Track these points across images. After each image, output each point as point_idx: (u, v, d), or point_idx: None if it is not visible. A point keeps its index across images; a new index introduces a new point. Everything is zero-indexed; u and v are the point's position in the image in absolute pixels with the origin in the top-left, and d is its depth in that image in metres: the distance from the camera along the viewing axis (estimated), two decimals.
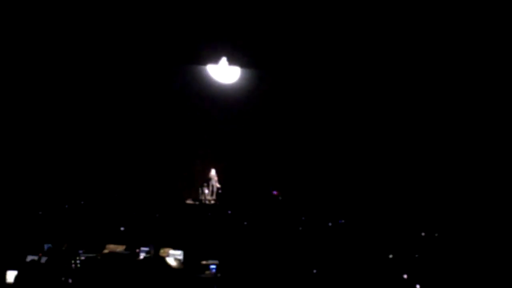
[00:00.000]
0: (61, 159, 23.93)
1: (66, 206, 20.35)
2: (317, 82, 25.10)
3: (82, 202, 21.06)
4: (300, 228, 19.16)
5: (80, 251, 13.26)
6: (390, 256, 14.84)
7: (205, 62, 24.91)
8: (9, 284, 11.05)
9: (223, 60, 24.75)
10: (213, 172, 23.92)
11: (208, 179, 23.87)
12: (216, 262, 13.87)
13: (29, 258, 12.44)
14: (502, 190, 21.20)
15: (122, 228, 17.07)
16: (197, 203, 23.31)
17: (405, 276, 12.61)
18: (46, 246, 13.83)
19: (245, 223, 19.36)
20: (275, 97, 25.31)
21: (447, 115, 23.69)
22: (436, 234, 18.00)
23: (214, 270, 13.67)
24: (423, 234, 18.02)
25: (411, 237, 17.68)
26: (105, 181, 23.61)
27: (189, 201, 23.53)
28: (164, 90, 25.12)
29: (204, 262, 13.89)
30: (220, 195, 23.50)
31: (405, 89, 24.16)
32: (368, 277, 12.20)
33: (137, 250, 14.25)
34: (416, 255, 14.97)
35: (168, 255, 14.05)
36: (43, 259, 12.40)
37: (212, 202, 23.48)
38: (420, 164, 23.83)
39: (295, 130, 25.08)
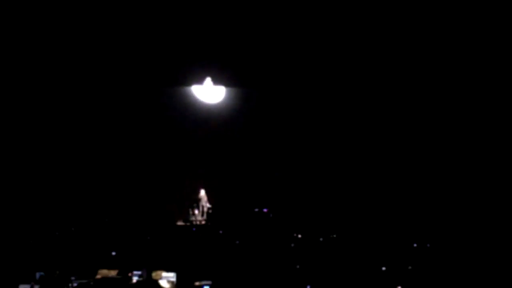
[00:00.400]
0: (51, 185, 23.80)
1: (57, 233, 20.23)
2: (303, 99, 25.13)
3: (73, 229, 20.93)
4: (292, 245, 19.12)
5: (73, 278, 13.18)
6: (383, 268, 14.83)
7: (190, 83, 24.91)
8: None
9: (208, 80, 24.77)
10: (202, 192, 23.86)
11: (197, 200, 23.80)
12: (209, 282, 13.81)
13: (21, 287, 12.33)
14: (499, 197, 21.22)
15: (113, 253, 16.97)
16: (188, 224, 23.22)
17: None
18: (38, 274, 13.73)
19: (237, 242, 19.30)
20: (261, 115, 25.31)
21: (441, 123, 23.73)
22: (428, 245, 17.99)
23: None
24: (415, 245, 18.00)
25: (403, 249, 17.65)
26: (95, 206, 23.49)
27: (180, 223, 23.43)
28: (150, 112, 25.06)
29: (197, 283, 13.84)
30: (210, 215, 23.42)
31: (392, 111, 24.21)
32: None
33: (130, 274, 14.17)
34: (409, 267, 14.97)
35: (161, 278, 13.99)
36: None
37: (203, 222, 23.39)
38: (408, 177, 23.84)
39: (282, 147, 25.07)
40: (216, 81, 24.90)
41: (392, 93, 23.77)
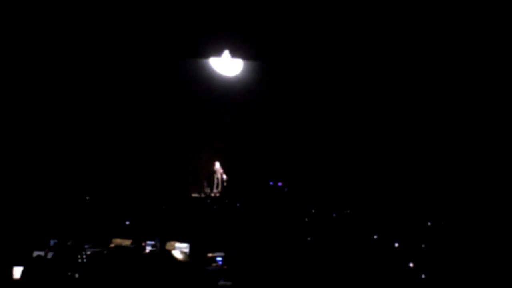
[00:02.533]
0: (67, 155, 23.95)
1: (72, 202, 20.37)
2: (321, 72, 25.06)
3: (88, 198, 21.07)
4: (306, 219, 19.16)
5: (86, 246, 13.28)
6: (396, 245, 14.85)
7: (207, 56, 24.90)
8: (16, 280, 11.06)
9: (226, 53, 24.74)
10: (217, 165, 23.91)
11: (213, 172, 23.87)
12: (222, 254, 13.87)
13: (36, 253, 12.44)
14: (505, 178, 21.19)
15: (127, 223, 17.08)
16: (202, 196, 23.32)
17: (411, 264, 12.63)
18: (52, 242, 13.85)
19: (251, 215, 19.36)
20: (278, 88, 25.29)
21: (451, 100, 23.65)
22: (442, 223, 17.98)
23: (220, 262, 13.68)
24: (429, 223, 18.00)
25: (417, 226, 17.66)
26: (111, 176, 23.62)
27: (195, 195, 23.52)
28: (168, 84, 25.11)
29: (210, 255, 13.90)
30: (225, 187, 23.50)
31: (409, 82, 24.11)
32: (374, 265, 12.21)
33: (143, 244, 14.26)
34: (423, 245, 14.96)
35: (174, 248, 14.06)
36: (50, 255, 12.41)
37: (218, 195, 23.47)
38: (426, 151, 23.79)
39: (299, 121, 25.06)
40: (234, 54, 24.88)
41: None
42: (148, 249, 14.20)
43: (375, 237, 15.95)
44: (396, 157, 24.03)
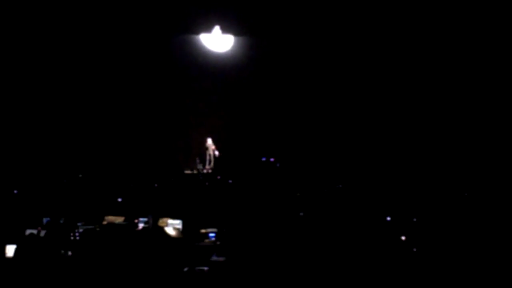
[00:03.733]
0: (59, 132, 23.91)
1: (64, 180, 20.37)
2: (312, 47, 25.01)
3: (80, 175, 21.07)
4: (298, 194, 19.20)
5: (79, 224, 13.29)
6: (388, 218, 14.89)
7: (198, 31, 24.82)
8: (9, 258, 11.06)
9: (216, 28, 24.66)
10: (209, 141, 23.93)
11: (205, 148, 23.90)
12: (215, 230, 13.91)
13: (28, 231, 12.45)
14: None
15: (120, 200, 17.09)
16: (195, 172, 23.36)
17: (403, 238, 12.66)
18: (45, 220, 13.85)
19: (243, 190, 19.40)
20: (269, 64, 25.26)
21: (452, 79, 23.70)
22: (436, 199, 18.05)
23: (213, 238, 13.71)
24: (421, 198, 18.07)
25: (409, 200, 17.72)
26: (103, 153, 23.62)
27: (187, 171, 23.57)
28: (158, 61, 25.05)
29: (203, 231, 13.93)
30: (217, 163, 23.54)
31: (404, 53, 24.08)
32: (366, 239, 12.24)
33: (136, 221, 14.28)
34: (414, 219, 15.01)
35: (167, 225, 14.09)
36: (42, 233, 12.42)
37: (210, 171, 23.52)
38: (417, 127, 23.83)
39: (290, 96, 25.06)
40: (225, 29, 24.80)
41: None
42: (140, 226, 14.21)
43: (367, 210, 16.02)
44: (389, 130, 24.07)
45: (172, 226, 13.90)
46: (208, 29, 24.81)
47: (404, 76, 24.16)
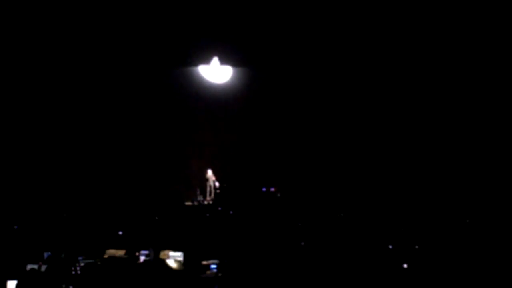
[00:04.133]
0: (57, 165, 23.90)
1: (64, 214, 20.34)
2: (310, 78, 25.11)
3: (80, 209, 21.04)
4: (300, 224, 19.16)
5: (80, 258, 13.24)
6: (390, 246, 14.86)
7: (196, 63, 24.91)
8: None
9: (215, 60, 24.76)
10: (209, 172, 23.92)
11: (205, 180, 23.87)
12: (217, 261, 13.86)
13: (29, 267, 12.40)
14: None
15: (120, 233, 17.05)
16: (195, 203, 23.32)
17: (405, 265, 12.63)
18: (46, 255, 13.80)
19: (244, 221, 19.37)
20: (268, 94, 25.33)
21: (448, 99, 23.72)
22: (437, 225, 18.02)
23: (215, 270, 13.66)
24: (423, 225, 18.04)
25: (410, 228, 17.68)
26: (102, 186, 23.58)
27: (188, 203, 23.53)
28: (157, 93, 25.12)
29: (204, 262, 13.87)
30: (218, 194, 23.51)
31: (401, 92, 24.15)
32: (369, 267, 12.22)
33: (137, 254, 14.22)
34: (416, 246, 14.98)
35: (168, 257, 14.03)
36: (43, 267, 12.38)
37: (211, 202, 23.47)
38: (418, 154, 23.83)
39: (290, 126, 25.09)
40: (223, 61, 24.90)
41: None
42: (142, 258, 14.16)
43: (369, 239, 15.98)
44: (387, 159, 24.07)
45: (173, 259, 13.85)
46: (207, 60, 24.90)
47: (405, 108, 24.21)
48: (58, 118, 24.31)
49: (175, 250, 14.37)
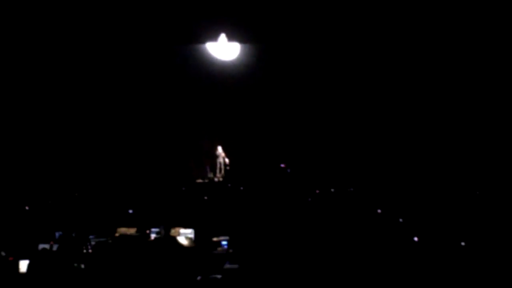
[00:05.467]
0: (68, 146, 23.98)
1: (75, 193, 20.44)
2: (318, 53, 25.01)
3: (90, 188, 21.13)
4: (310, 199, 19.20)
5: (91, 236, 13.33)
6: (400, 220, 14.90)
7: (204, 40, 24.84)
8: (23, 273, 11.10)
9: (222, 36, 24.67)
10: (219, 149, 23.95)
11: (215, 157, 23.92)
12: (227, 238, 13.92)
13: (41, 246, 12.49)
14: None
15: (130, 211, 17.13)
16: (206, 181, 23.38)
17: (415, 239, 12.66)
18: (57, 234, 13.90)
19: (254, 197, 19.42)
20: (276, 70, 25.25)
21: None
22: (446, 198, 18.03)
23: (225, 246, 13.73)
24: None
25: (420, 203, 17.70)
26: (113, 165, 23.66)
27: (199, 180, 23.60)
28: (165, 71, 25.08)
29: (215, 239, 13.95)
30: (228, 171, 23.56)
31: (411, 59, 24.04)
32: (379, 242, 12.25)
33: (148, 232, 14.31)
34: (425, 222, 15.01)
35: (179, 235, 14.10)
36: (55, 247, 12.47)
37: (221, 179, 23.53)
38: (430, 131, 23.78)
39: (299, 102, 25.04)
40: (231, 37, 24.81)
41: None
42: (153, 236, 14.24)
43: (379, 211, 16.01)
44: (399, 132, 24.02)
45: (184, 236, 13.92)
46: (214, 37, 24.82)
47: (414, 81, 24.11)
48: (68, 101, 24.36)
49: (185, 227, 14.44)
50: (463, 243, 11.99)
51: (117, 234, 14.27)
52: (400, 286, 9.92)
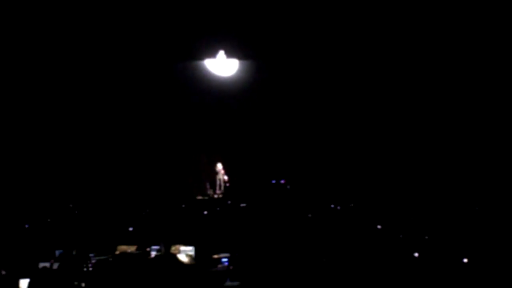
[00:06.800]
0: (68, 163, 23.97)
1: (75, 211, 20.44)
2: (317, 70, 25.06)
3: (90, 206, 21.12)
4: (310, 215, 19.20)
5: (91, 255, 13.32)
6: (400, 236, 14.89)
7: (202, 57, 24.88)
8: None
9: (221, 53, 24.73)
10: (219, 166, 23.96)
11: (215, 173, 23.92)
12: (228, 255, 13.90)
13: (41, 265, 12.48)
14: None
15: (130, 229, 17.14)
16: (205, 198, 23.37)
17: (416, 254, 12.65)
18: (57, 252, 13.88)
19: (254, 214, 19.42)
20: (275, 87, 25.29)
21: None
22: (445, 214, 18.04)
23: (226, 263, 13.71)
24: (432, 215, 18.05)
25: (420, 218, 17.70)
26: (112, 183, 23.64)
27: (199, 197, 23.60)
28: (164, 88, 25.10)
29: (215, 256, 13.93)
30: (227, 188, 23.55)
31: (405, 85, 24.09)
32: (379, 257, 12.24)
33: (148, 249, 14.30)
34: (426, 237, 15.00)
35: (179, 252, 14.10)
36: (55, 265, 12.46)
37: (221, 196, 23.52)
38: (428, 143, 23.78)
39: (298, 117, 25.07)
40: (229, 54, 24.86)
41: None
42: (153, 254, 14.23)
43: (379, 227, 16.01)
44: (398, 148, 24.03)
45: (184, 253, 13.92)
46: (213, 54, 24.87)
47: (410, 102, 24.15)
48: (67, 114, 24.36)
49: (186, 244, 14.43)
50: (465, 260, 11.98)
51: (117, 252, 14.26)
52: None
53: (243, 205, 21.30)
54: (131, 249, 14.54)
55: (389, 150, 23.96)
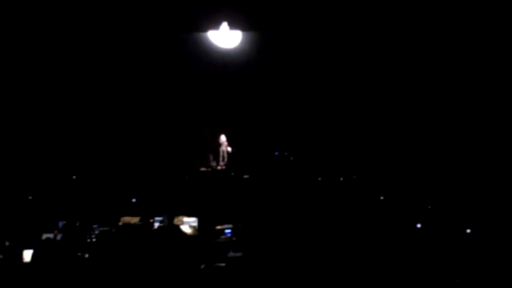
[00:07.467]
0: (71, 135, 23.98)
1: (78, 183, 20.46)
2: (321, 41, 24.96)
3: (94, 177, 21.14)
4: (313, 187, 19.23)
5: (95, 226, 13.38)
6: (403, 206, 14.90)
7: (205, 29, 24.77)
8: (27, 263, 11.15)
9: (224, 25, 24.61)
10: (222, 137, 23.97)
11: (218, 145, 23.94)
12: (231, 226, 13.95)
13: (45, 236, 12.54)
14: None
15: (134, 200, 17.17)
16: (209, 169, 23.40)
17: (418, 225, 12.68)
18: (60, 223, 13.94)
19: (257, 185, 19.45)
20: (279, 58, 25.20)
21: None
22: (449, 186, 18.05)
23: (229, 234, 13.76)
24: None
25: (424, 189, 17.70)
26: (116, 154, 23.67)
27: (202, 169, 23.63)
28: (166, 60, 25.03)
29: (218, 227, 13.97)
30: (231, 159, 23.59)
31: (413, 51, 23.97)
32: (382, 228, 12.26)
33: (151, 220, 14.34)
34: (429, 206, 15.02)
35: (182, 223, 14.15)
36: (59, 236, 12.52)
37: (224, 167, 23.55)
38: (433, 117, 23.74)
39: (301, 89, 25.02)
40: (233, 25, 24.74)
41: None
42: (156, 225, 14.29)
43: (382, 198, 16.03)
44: (401, 119, 24.00)
45: (187, 224, 13.98)
46: (216, 26, 24.74)
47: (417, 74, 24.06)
48: (70, 88, 24.33)
49: (189, 215, 14.47)
50: (468, 230, 12.00)
51: (120, 223, 14.31)
52: (403, 274, 9.94)
53: (246, 176, 21.31)
54: (134, 220, 14.59)
55: (391, 121, 23.93)
